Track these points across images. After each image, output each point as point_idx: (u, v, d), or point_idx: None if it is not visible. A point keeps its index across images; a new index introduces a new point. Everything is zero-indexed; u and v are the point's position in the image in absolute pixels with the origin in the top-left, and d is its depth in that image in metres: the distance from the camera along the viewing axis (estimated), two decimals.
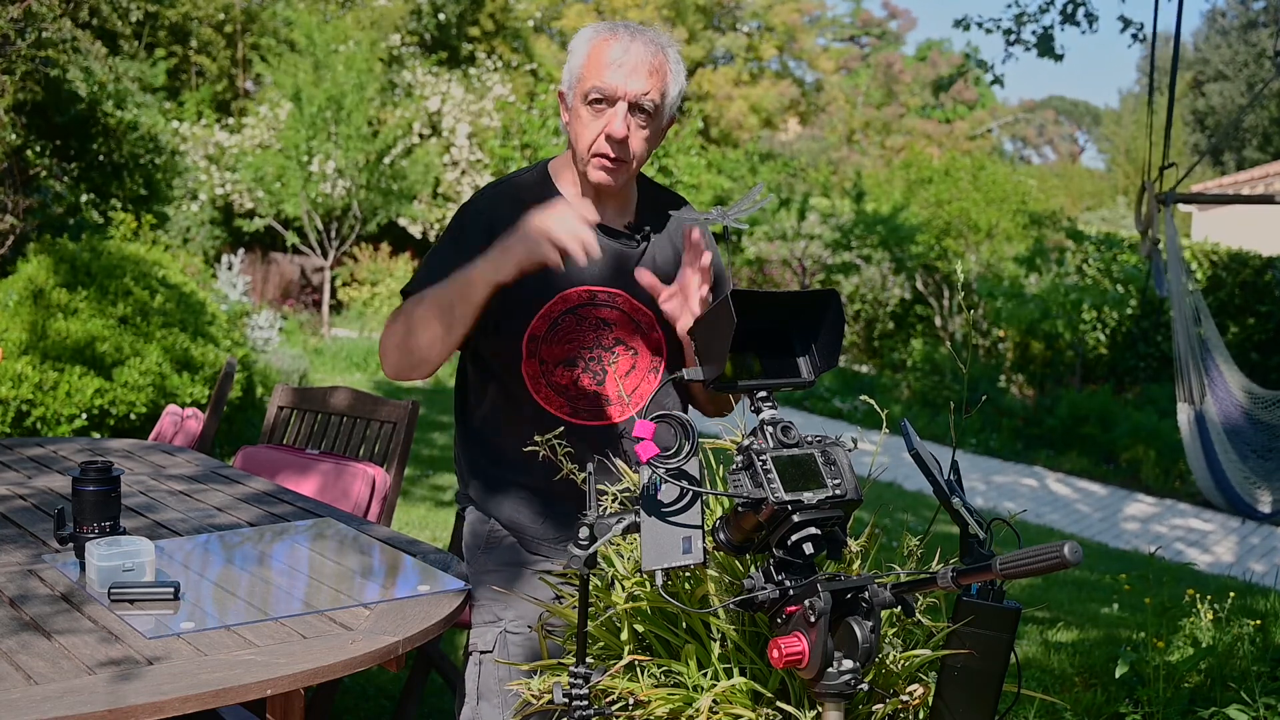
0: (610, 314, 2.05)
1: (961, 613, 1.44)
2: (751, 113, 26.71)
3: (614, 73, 1.95)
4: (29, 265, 6.22)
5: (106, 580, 1.88)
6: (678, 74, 2.02)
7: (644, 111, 1.97)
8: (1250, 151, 27.98)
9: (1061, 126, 43.88)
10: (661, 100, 1.98)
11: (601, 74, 1.96)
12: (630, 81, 1.95)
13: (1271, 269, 11.72)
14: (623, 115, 1.96)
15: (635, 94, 1.95)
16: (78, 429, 5.61)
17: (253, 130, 15.61)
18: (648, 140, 2.00)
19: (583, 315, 2.03)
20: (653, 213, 2.12)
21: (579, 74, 1.99)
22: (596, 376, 2.04)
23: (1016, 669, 1.53)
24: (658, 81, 1.97)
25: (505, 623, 2.00)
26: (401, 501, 5.97)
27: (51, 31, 7.46)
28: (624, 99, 1.95)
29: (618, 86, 1.95)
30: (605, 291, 2.04)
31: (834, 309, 1.47)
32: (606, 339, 2.05)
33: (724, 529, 1.41)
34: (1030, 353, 12.36)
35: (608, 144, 1.96)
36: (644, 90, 1.96)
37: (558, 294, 2.02)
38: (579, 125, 2.00)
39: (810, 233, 15.53)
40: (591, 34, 2.02)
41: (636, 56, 1.96)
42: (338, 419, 3.25)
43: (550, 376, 2.03)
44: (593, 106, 1.97)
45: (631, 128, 1.97)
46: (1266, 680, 3.21)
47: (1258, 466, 5.13)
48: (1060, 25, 6.88)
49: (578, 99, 1.99)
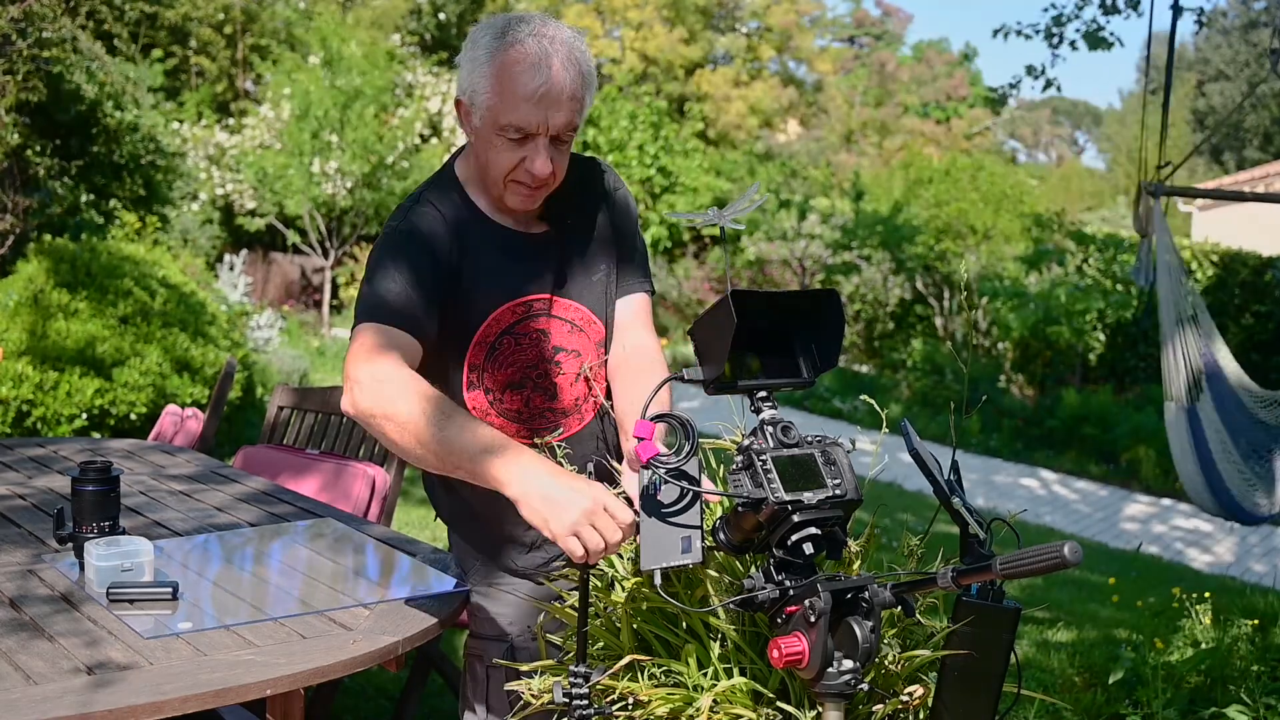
0: (546, 323, 1.90)
1: (961, 613, 1.44)
2: (751, 114, 26.72)
3: (532, 110, 1.73)
4: (29, 266, 6.22)
5: (105, 580, 1.88)
6: (591, 76, 1.80)
7: (565, 139, 1.79)
8: (1250, 151, 27.99)
9: (1061, 127, 43.87)
10: (580, 119, 1.79)
11: (517, 107, 1.73)
12: (553, 116, 1.74)
13: (1271, 269, 11.72)
14: (544, 151, 1.77)
15: (559, 127, 1.75)
16: (78, 429, 5.61)
17: (253, 131, 15.61)
18: (567, 156, 1.84)
19: (519, 333, 1.88)
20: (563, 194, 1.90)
21: (487, 101, 1.75)
22: (547, 392, 1.92)
23: (1017, 669, 1.53)
24: (578, 104, 1.77)
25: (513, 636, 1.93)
26: (401, 501, 5.96)
27: (52, 31, 7.46)
28: (545, 135, 1.76)
29: (539, 124, 1.74)
30: (538, 299, 1.89)
31: (834, 309, 1.46)
32: (547, 349, 1.90)
33: (724, 529, 1.41)
34: (1030, 353, 12.36)
35: (527, 175, 1.78)
36: (567, 121, 1.76)
37: (490, 316, 1.86)
38: (490, 151, 1.79)
39: (810, 233, 15.53)
40: (493, 44, 1.75)
41: (558, 83, 1.73)
42: (338, 419, 3.25)
43: (500, 405, 1.90)
44: (506, 137, 1.76)
45: (553, 155, 1.79)
46: (1266, 680, 3.21)
47: (1259, 468, 5.07)
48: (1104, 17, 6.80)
49: (488, 126, 1.77)
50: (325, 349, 12.39)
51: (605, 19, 27.04)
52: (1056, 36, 6.99)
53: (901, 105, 32.50)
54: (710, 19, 28.44)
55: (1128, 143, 33.60)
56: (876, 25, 36.60)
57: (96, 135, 9.07)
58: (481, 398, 1.90)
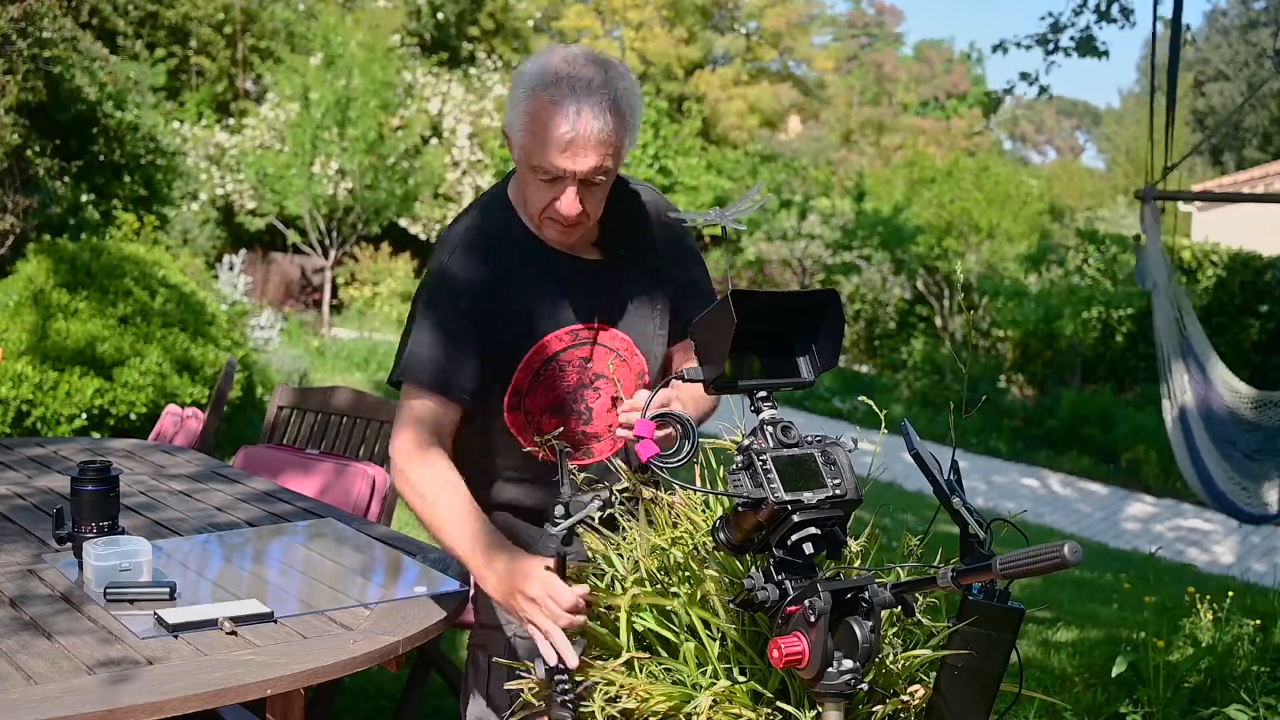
0: (589, 351, 1.94)
1: (967, 613, 1.44)
2: (750, 113, 26.72)
3: (560, 155, 1.78)
4: (29, 265, 6.22)
5: (103, 580, 1.88)
6: (631, 121, 1.84)
7: (596, 183, 1.83)
8: (1250, 151, 27.97)
9: (1068, 119, 43.83)
10: (615, 160, 1.83)
11: (546, 152, 1.78)
12: (579, 162, 1.78)
13: (1271, 269, 11.71)
14: (572, 195, 1.81)
15: (585, 173, 1.79)
16: (78, 429, 5.61)
17: (253, 131, 15.61)
18: (603, 199, 1.88)
19: (564, 361, 1.93)
20: (621, 224, 1.96)
21: (522, 141, 1.82)
22: (583, 417, 1.96)
23: (1018, 669, 1.53)
24: (609, 148, 1.80)
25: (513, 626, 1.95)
26: (401, 501, 5.96)
27: (52, 31, 7.45)
28: (573, 179, 1.80)
29: (565, 169, 1.78)
30: (586, 328, 1.94)
31: (834, 309, 1.46)
32: (588, 376, 1.95)
33: (724, 529, 1.41)
34: (1030, 353, 12.36)
35: (558, 214, 1.83)
36: (595, 166, 1.79)
37: (538, 343, 1.91)
38: (527, 188, 1.86)
39: (810, 233, 15.54)
40: (531, 88, 1.81)
41: (585, 132, 1.76)
42: (338, 419, 3.25)
43: (536, 424, 1.94)
44: (538, 177, 1.82)
45: (584, 195, 1.82)
46: (1266, 680, 3.21)
47: (1244, 466, 5.09)
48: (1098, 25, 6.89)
49: (523, 164, 1.84)
50: (325, 349, 12.38)
51: (605, 19, 27.07)
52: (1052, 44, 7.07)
53: (901, 104, 32.51)
54: (709, 19, 28.46)
55: (1127, 142, 33.61)
56: (871, 24, 36.61)
57: (96, 135, 9.06)
58: (521, 419, 1.93)
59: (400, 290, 15.37)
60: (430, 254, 2.18)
